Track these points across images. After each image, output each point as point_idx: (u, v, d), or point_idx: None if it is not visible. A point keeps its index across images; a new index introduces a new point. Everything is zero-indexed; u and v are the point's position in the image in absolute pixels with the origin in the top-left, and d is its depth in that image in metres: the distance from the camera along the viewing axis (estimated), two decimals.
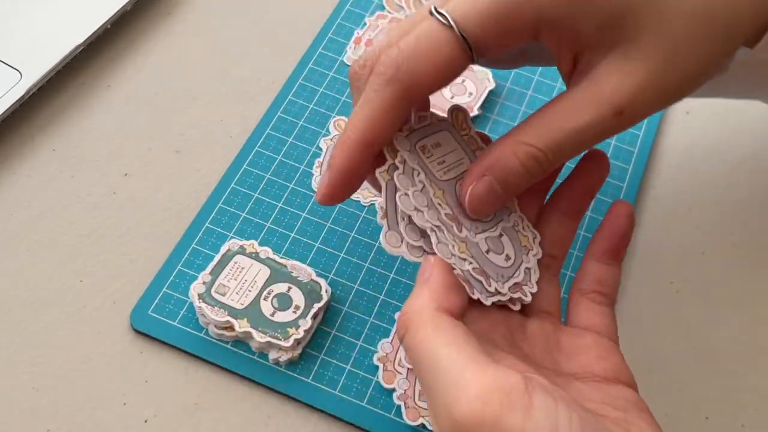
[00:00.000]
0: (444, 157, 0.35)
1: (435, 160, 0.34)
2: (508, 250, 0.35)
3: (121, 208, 0.45)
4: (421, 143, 0.34)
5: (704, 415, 0.42)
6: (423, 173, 0.33)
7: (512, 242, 0.35)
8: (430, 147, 0.34)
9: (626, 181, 0.48)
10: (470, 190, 0.33)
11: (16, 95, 0.45)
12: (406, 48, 0.31)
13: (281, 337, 0.40)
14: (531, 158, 0.32)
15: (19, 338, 0.40)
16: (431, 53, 0.31)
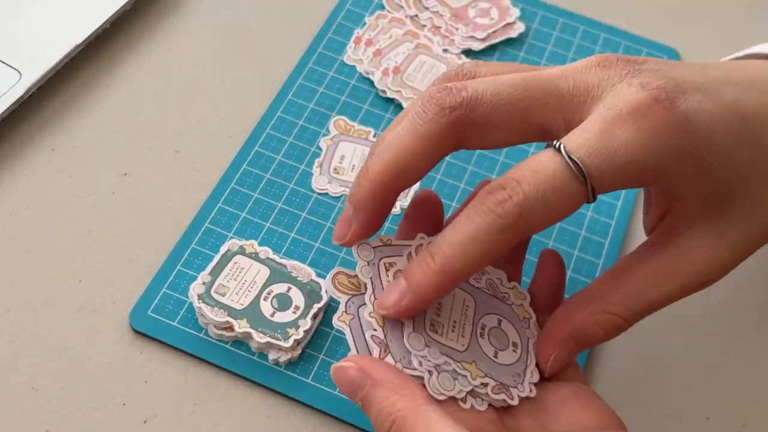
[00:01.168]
0: None
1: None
2: (512, 337, 0.34)
3: (120, 207, 0.44)
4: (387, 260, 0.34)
5: (705, 415, 0.41)
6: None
7: (511, 322, 0.35)
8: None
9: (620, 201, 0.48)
10: (553, 358, 0.33)
11: (15, 95, 0.45)
12: (531, 196, 0.30)
13: (281, 338, 0.39)
14: (614, 327, 0.33)
15: (18, 338, 0.40)
16: (557, 205, 0.30)
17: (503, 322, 0.35)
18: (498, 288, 0.35)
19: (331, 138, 0.48)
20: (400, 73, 0.50)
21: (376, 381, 0.30)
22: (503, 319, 0.35)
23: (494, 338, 0.34)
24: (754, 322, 0.45)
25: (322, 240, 0.44)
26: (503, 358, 0.34)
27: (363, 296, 0.33)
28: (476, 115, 0.31)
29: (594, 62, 0.33)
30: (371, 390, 0.30)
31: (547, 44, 0.53)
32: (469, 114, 0.31)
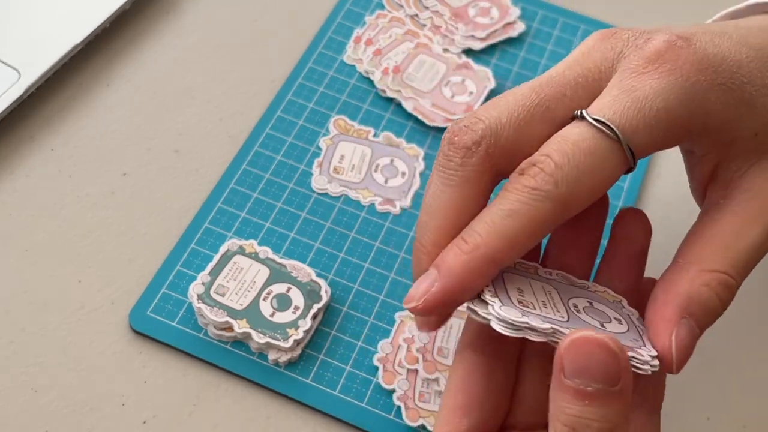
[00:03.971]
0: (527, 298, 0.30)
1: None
2: (611, 314, 0.31)
3: (119, 207, 0.44)
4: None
5: (705, 415, 0.41)
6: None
7: (603, 303, 0.32)
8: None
9: (627, 181, 0.48)
10: (675, 338, 0.29)
11: (14, 95, 0.45)
12: (563, 163, 0.28)
13: (281, 338, 0.39)
14: (724, 287, 0.30)
15: (18, 339, 0.40)
16: (594, 170, 0.28)
17: (595, 303, 0.31)
18: (573, 280, 0.32)
19: (330, 138, 0.47)
20: (400, 72, 0.50)
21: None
22: (593, 301, 0.31)
23: (592, 314, 0.30)
24: (754, 323, 0.45)
25: (322, 240, 0.44)
26: (611, 328, 0.30)
27: (508, 269, 0.30)
28: (503, 140, 0.30)
29: (594, 40, 0.31)
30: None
31: (547, 43, 0.53)
32: (495, 142, 0.30)
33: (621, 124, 0.28)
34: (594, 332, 0.26)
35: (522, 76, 0.51)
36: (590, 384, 0.25)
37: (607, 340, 0.25)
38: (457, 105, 0.49)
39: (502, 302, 0.28)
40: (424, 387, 0.40)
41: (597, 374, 0.25)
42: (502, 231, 0.28)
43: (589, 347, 0.25)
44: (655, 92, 0.29)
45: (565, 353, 0.26)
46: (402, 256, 0.44)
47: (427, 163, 0.47)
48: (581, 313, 0.30)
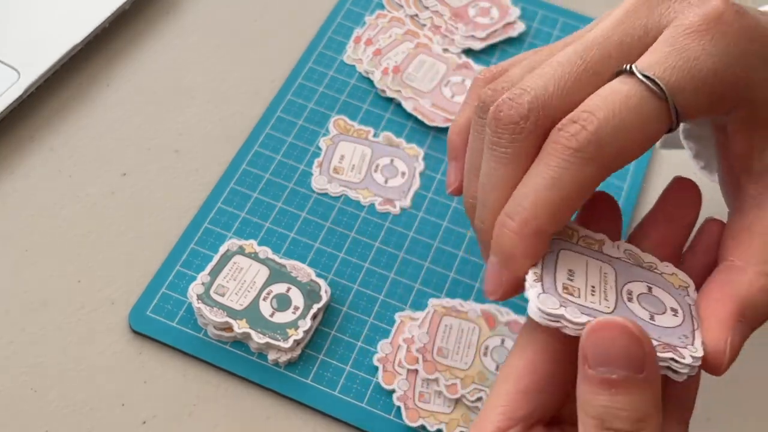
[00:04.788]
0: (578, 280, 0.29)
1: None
2: (669, 303, 0.30)
3: (119, 207, 0.44)
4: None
5: (705, 415, 0.41)
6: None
7: (665, 289, 0.30)
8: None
9: (627, 181, 0.48)
10: (729, 345, 0.29)
11: (14, 95, 0.45)
12: (607, 121, 0.27)
13: (280, 338, 0.39)
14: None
15: (18, 339, 0.40)
16: (637, 129, 0.27)
17: (654, 289, 0.30)
18: (641, 258, 0.31)
19: (330, 138, 0.47)
20: (399, 72, 0.50)
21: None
22: (654, 286, 0.30)
23: (646, 303, 0.29)
24: None
25: (322, 240, 0.44)
26: (662, 321, 0.28)
27: (568, 242, 0.29)
28: (551, 109, 0.28)
29: (637, 4, 0.30)
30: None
31: (547, 43, 0.53)
32: (544, 114, 0.28)
33: (670, 83, 0.27)
34: (615, 317, 0.25)
35: None
36: (614, 371, 0.25)
37: (628, 324, 0.25)
38: (457, 105, 0.49)
39: (544, 288, 0.27)
40: (424, 387, 0.40)
41: (620, 360, 0.25)
42: (546, 202, 0.27)
43: (609, 332, 0.25)
44: (706, 54, 0.28)
45: (586, 341, 0.25)
46: (402, 256, 0.44)
47: (426, 162, 0.47)
48: (633, 302, 0.29)
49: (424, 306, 0.42)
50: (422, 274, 0.43)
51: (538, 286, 0.27)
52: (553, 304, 0.26)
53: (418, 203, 0.46)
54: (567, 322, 0.26)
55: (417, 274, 0.43)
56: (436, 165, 0.47)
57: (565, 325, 0.26)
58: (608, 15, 0.31)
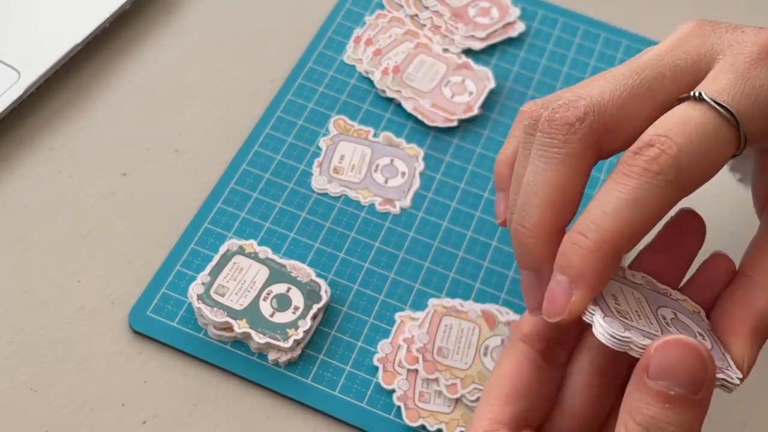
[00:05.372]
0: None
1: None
2: (694, 328, 0.30)
3: (119, 208, 0.44)
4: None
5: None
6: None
7: (686, 315, 0.31)
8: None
9: None
10: (747, 359, 0.30)
11: (14, 95, 0.45)
12: (686, 146, 0.27)
13: (280, 338, 0.39)
14: None
15: (18, 339, 0.40)
16: (713, 154, 0.28)
17: (678, 314, 0.31)
18: (657, 285, 0.32)
19: (330, 138, 0.47)
20: (399, 72, 0.50)
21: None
22: (677, 311, 0.31)
23: (680, 328, 0.29)
24: None
25: (322, 240, 0.44)
26: None
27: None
28: (606, 117, 0.29)
29: (692, 26, 0.31)
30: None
31: (547, 44, 0.53)
32: (599, 119, 0.29)
33: (739, 110, 0.28)
34: (686, 337, 0.26)
35: (522, 76, 0.51)
36: (674, 387, 0.25)
37: (700, 347, 0.25)
38: (456, 105, 0.49)
39: (603, 312, 0.27)
40: (424, 387, 0.40)
41: (684, 378, 0.25)
42: (627, 224, 0.27)
43: (681, 350, 0.25)
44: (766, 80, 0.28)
45: (655, 353, 0.25)
46: (402, 256, 0.44)
47: (426, 162, 0.47)
48: (670, 326, 0.29)
49: (424, 306, 0.42)
50: (422, 274, 0.43)
51: (597, 309, 0.27)
52: (619, 328, 0.27)
53: (418, 203, 0.46)
54: (634, 345, 0.27)
55: (417, 274, 0.43)
56: (436, 165, 0.47)
57: (631, 347, 0.27)
58: (659, 44, 0.31)
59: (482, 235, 0.45)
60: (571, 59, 0.53)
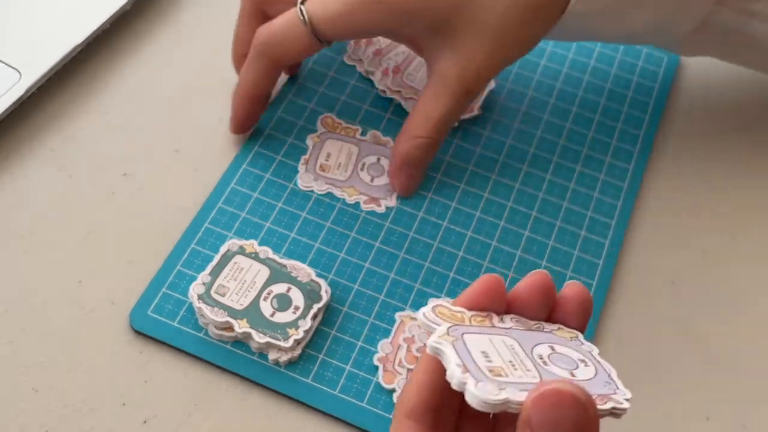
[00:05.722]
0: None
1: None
2: (575, 356, 0.30)
3: (120, 208, 0.44)
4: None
5: (705, 415, 0.41)
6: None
7: (563, 344, 0.31)
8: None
9: (627, 181, 0.48)
10: (398, 183, 0.45)
11: (15, 95, 0.45)
12: (275, 31, 0.43)
13: (281, 338, 0.39)
14: (426, 145, 0.44)
15: (18, 339, 0.40)
16: (292, 40, 0.43)
17: (556, 347, 0.31)
18: (528, 322, 0.32)
19: (318, 135, 0.47)
20: (400, 72, 0.50)
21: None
22: (554, 344, 0.31)
23: (559, 362, 0.30)
24: (754, 322, 0.45)
25: (322, 240, 0.44)
26: (582, 375, 0.30)
27: (464, 326, 0.30)
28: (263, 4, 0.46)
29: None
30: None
31: (546, 44, 0.53)
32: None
33: (311, 15, 0.42)
34: (562, 383, 0.25)
35: (522, 77, 0.51)
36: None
37: (576, 392, 0.25)
38: None
39: (475, 377, 0.27)
40: None
41: (567, 426, 0.25)
42: (246, 80, 0.45)
43: (557, 399, 0.25)
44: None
45: (533, 408, 0.25)
46: (402, 256, 0.44)
47: None
48: (549, 365, 0.29)
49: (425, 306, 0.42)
50: (422, 274, 0.44)
51: (468, 376, 0.27)
52: (492, 391, 0.26)
53: (418, 203, 0.46)
54: (512, 404, 0.26)
55: (417, 274, 0.43)
56: (437, 165, 0.47)
57: (510, 406, 0.26)
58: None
59: (482, 235, 0.45)
60: (571, 60, 0.53)
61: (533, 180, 0.48)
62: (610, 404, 0.27)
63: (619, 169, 0.49)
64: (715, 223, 0.48)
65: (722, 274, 0.46)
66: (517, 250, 0.45)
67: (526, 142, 0.49)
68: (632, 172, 0.48)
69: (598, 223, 0.46)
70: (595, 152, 0.49)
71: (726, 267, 0.46)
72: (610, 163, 0.49)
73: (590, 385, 0.29)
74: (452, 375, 0.27)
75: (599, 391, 0.28)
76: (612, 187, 0.48)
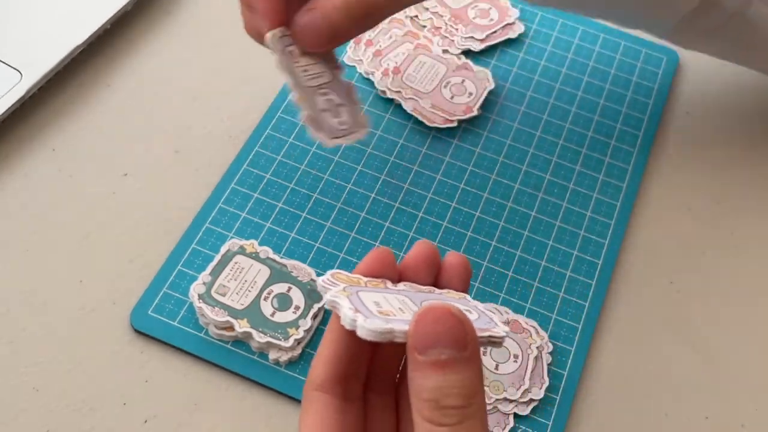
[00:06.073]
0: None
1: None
2: (461, 306, 0.31)
3: (120, 208, 0.44)
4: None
5: (704, 415, 0.42)
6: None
7: (453, 302, 0.32)
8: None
9: (626, 181, 0.48)
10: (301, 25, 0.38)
11: (16, 95, 0.45)
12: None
13: (281, 337, 0.40)
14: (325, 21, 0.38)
15: (19, 339, 0.40)
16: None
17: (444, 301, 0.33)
18: (419, 287, 0.34)
19: None
20: (400, 73, 0.50)
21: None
22: (441, 298, 0.33)
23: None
24: (753, 322, 0.45)
25: (322, 240, 0.44)
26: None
27: (359, 287, 0.32)
28: None
29: None
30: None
31: (546, 45, 0.53)
32: None
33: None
34: (436, 303, 0.27)
35: (521, 77, 0.52)
36: (442, 351, 0.27)
37: (449, 307, 0.27)
38: (456, 106, 0.49)
39: (365, 315, 0.29)
40: None
41: (446, 338, 0.27)
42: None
43: (435, 315, 0.27)
44: None
45: (415, 329, 0.27)
46: (402, 256, 0.44)
47: (426, 162, 0.47)
48: None
49: None
50: None
51: (359, 315, 0.29)
52: (381, 323, 0.28)
53: (418, 203, 0.46)
54: (397, 333, 0.28)
55: None
56: (436, 165, 0.47)
57: (396, 336, 0.28)
58: None
59: (482, 235, 0.45)
60: (570, 60, 0.53)
61: (533, 180, 0.48)
62: (488, 333, 0.29)
63: (619, 169, 0.49)
64: (715, 223, 0.48)
65: (722, 274, 0.46)
66: (516, 250, 0.45)
67: (525, 142, 0.49)
68: (631, 172, 0.49)
69: (598, 223, 0.46)
70: (594, 152, 0.49)
71: (726, 267, 0.46)
72: (610, 163, 0.49)
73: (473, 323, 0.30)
74: (345, 317, 0.28)
75: (480, 326, 0.30)
76: (611, 187, 0.48)
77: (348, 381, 0.31)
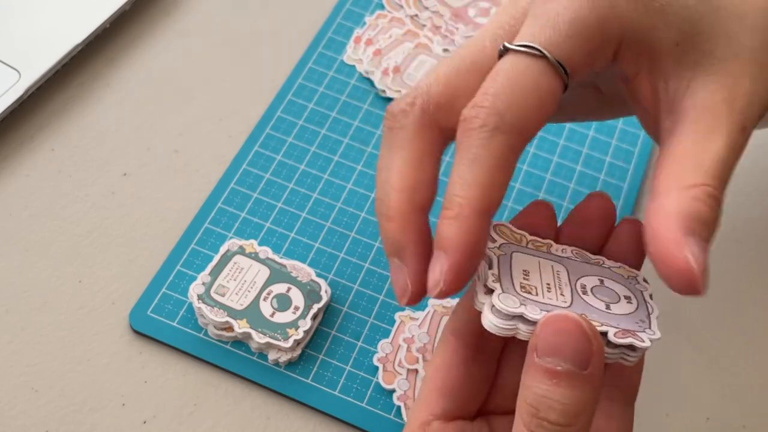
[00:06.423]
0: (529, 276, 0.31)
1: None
2: (621, 292, 0.30)
3: (120, 208, 0.44)
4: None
5: (705, 415, 0.41)
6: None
7: (615, 280, 0.31)
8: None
9: (627, 180, 0.48)
10: (691, 256, 0.27)
11: (14, 95, 0.45)
12: (499, 93, 0.28)
13: (281, 338, 0.39)
14: (710, 197, 0.28)
15: (18, 339, 0.40)
16: (530, 89, 0.28)
17: (606, 281, 0.30)
18: (588, 256, 0.31)
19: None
20: (400, 72, 0.50)
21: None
22: (605, 278, 0.31)
23: (601, 294, 0.30)
24: (753, 322, 0.45)
25: (322, 240, 0.44)
26: (618, 309, 0.29)
27: (518, 246, 0.30)
28: (435, 96, 0.30)
29: (506, 2, 0.32)
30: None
31: None
32: (428, 99, 0.30)
33: (541, 42, 0.29)
34: (571, 312, 0.26)
35: None
36: (560, 363, 0.25)
37: (581, 320, 0.26)
38: None
39: (504, 288, 0.27)
40: None
41: (568, 352, 0.25)
42: (474, 181, 0.28)
43: (563, 324, 0.26)
44: (563, 6, 0.29)
45: (540, 331, 0.26)
46: None
47: None
48: (588, 295, 0.30)
49: (424, 306, 0.42)
50: None
51: (498, 285, 0.28)
52: (513, 303, 0.27)
53: None
54: (521, 330, 0.27)
55: None
56: None
57: (519, 332, 0.27)
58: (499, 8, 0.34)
59: None
60: None
61: (533, 180, 0.48)
62: (630, 340, 0.27)
63: (620, 168, 0.49)
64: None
65: (723, 273, 0.46)
66: None
67: None
68: (633, 171, 0.48)
69: None
70: (595, 152, 0.49)
71: (727, 265, 0.46)
72: (610, 162, 0.49)
73: (621, 319, 0.28)
74: (485, 278, 0.27)
75: (626, 327, 0.28)
76: (612, 187, 0.48)
77: (485, 337, 0.30)
